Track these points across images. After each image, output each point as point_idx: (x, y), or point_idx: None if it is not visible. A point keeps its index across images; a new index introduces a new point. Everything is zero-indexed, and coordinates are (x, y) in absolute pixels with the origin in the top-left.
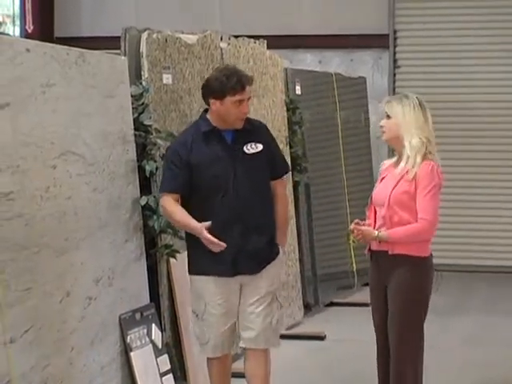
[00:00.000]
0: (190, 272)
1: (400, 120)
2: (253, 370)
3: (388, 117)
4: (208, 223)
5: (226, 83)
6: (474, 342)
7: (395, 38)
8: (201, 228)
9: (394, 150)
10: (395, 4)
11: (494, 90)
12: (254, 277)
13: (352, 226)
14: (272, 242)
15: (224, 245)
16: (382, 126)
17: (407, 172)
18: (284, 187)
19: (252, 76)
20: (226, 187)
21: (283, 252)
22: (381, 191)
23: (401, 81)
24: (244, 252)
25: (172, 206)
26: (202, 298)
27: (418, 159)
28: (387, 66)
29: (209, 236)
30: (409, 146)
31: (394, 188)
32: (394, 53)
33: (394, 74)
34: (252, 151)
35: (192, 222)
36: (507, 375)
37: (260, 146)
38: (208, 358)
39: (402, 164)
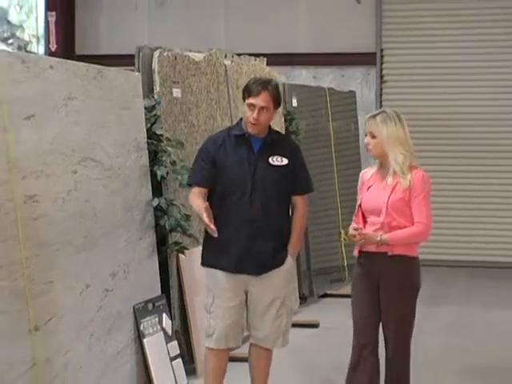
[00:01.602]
0: (202, 264)
1: (384, 140)
2: (255, 363)
3: (373, 136)
4: (206, 204)
5: (249, 84)
6: (453, 329)
7: (382, 56)
8: (200, 208)
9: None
10: (382, 26)
11: (474, 103)
12: (260, 281)
13: (352, 233)
14: (278, 250)
15: (214, 229)
16: (367, 144)
17: (398, 182)
18: (304, 203)
19: (276, 89)
20: (243, 191)
21: (292, 261)
22: (372, 199)
23: (387, 94)
24: (249, 254)
25: (195, 193)
26: (211, 291)
27: (406, 171)
28: (375, 81)
29: (204, 217)
30: (394, 162)
31: (390, 196)
32: (381, 69)
33: (381, 89)
34: (277, 163)
35: (195, 202)
36: (484, 361)
37: (285, 161)
38: (208, 350)
39: (390, 176)
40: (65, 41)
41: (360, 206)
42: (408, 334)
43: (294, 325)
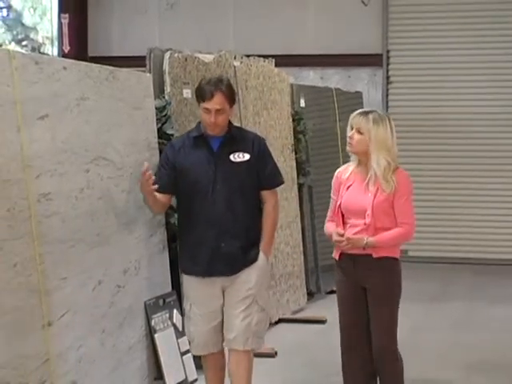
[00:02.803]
0: (180, 270)
1: (372, 140)
2: (233, 370)
3: (359, 132)
4: (145, 167)
5: (200, 88)
6: (457, 326)
7: (388, 57)
8: (143, 172)
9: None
10: (388, 27)
11: (480, 104)
12: (233, 280)
13: (338, 238)
14: (247, 248)
15: (153, 186)
16: (351, 138)
17: (379, 186)
18: (274, 198)
19: (229, 86)
20: (206, 192)
21: (266, 259)
22: (354, 201)
23: (393, 95)
24: (218, 255)
25: None
26: (188, 298)
27: (389, 177)
28: (381, 82)
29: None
30: (376, 165)
31: (375, 197)
32: (387, 70)
33: (387, 90)
34: (238, 160)
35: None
36: (489, 358)
37: (247, 156)
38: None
39: (372, 178)
40: (78, 43)
41: (340, 206)
42: (395, 332)
43: (302, 321)
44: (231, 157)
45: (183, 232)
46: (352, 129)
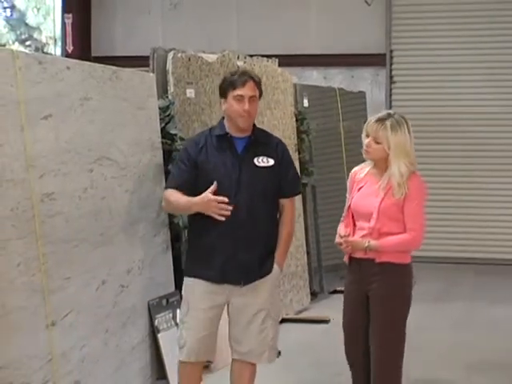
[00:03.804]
0: (185, 273)
1: (392, 149)
2: (237, 379)
3: (376, 141)
4: (214, 186)
5: (229, 79)
6: (460, 326)
7: (391, 57)
8: (206, 194)
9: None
10: (392, 27)
11: (483, 104)
12: (243, 292)
13: (338, 240)
14: (265, 258)
15: (225, 200)
16: (367, 147)
17: (391, 187)
18: (292, 207)
19: (257, 77)
20: (227, 195)
21: (279, 270)
22: (363, 203)
23: (396, 95)
24: (233, 262)
25: (174, 194)
26: (187, 301)
27: (405, 181)
28: (384, 81)
29: (213, 197)
30: (398, 172)
31: (382, 200)
32: (391, 70)
33: (391, 89)
34: (263, 164)
35: (182, 198)
36: (491, 357)
37: (271, 161)
38: (180, 363)
39: (385, 180)
40: (81, 42)
41: (350, 207)
42: (396, 351)
43: (305, 321)
44: (255, 161)
45: (196, 235)
46: (368, 136)
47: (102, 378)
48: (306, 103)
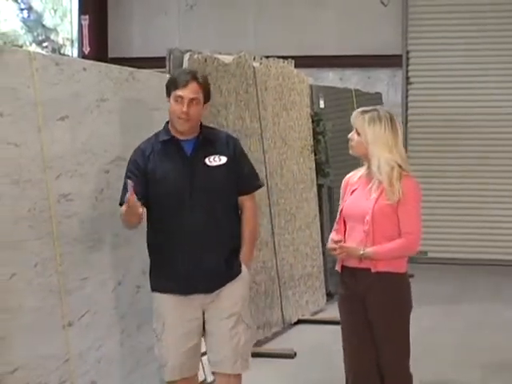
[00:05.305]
0: (151, 288)
1: (369, 141)
2: None
3: (358, 133)
4: (130, 187)
5: (173, 77)
6: (475, 327)
7: (408, 58)
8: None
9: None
10: (408, 28)
11: (500, 104)
12: (213, 298)
13: (331, 246)
14: (230, 261)
15: (139, 208)
16: (351, 140)
17: (384, 190)
18: (253, 203)
19: (204, 78)
20: (181, 200)
21: (247, 270)
22: (356, 205)
23: (413, 96)
24: (197, 270)
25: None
26: (161, 317)
27: (395, 182)
28: (400, 82)
29: (125, 207)
30: (377, 169)
31: (376, 202)
32: (407, 71)
33: (407, 90)
34: (215, 164)
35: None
36: (508, 358)
37: (224, 159)
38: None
39: (376, 182)
40: (98, 44)
41: (341, 212)
42: (403, 360)
43: (321, 322)
44: (207, 161)
45: (156, 246)
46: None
47: (117, 379)
48: (322, 104)
